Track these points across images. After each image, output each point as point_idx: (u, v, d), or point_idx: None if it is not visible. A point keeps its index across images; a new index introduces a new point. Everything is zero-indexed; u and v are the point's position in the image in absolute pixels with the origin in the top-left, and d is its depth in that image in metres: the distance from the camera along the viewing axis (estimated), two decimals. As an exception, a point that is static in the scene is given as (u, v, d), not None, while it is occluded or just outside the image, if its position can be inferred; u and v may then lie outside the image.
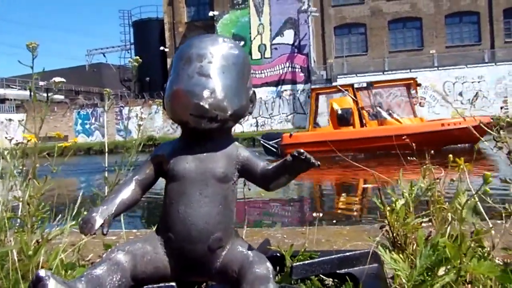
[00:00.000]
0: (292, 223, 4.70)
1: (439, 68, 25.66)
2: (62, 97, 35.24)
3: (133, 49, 36.93)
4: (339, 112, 13.05)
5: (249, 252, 1.04)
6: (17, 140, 1.91)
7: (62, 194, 2.09)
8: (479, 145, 1.38)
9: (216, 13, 30.14)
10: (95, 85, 39.99)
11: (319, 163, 1.00)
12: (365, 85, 13.56)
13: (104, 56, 43.21)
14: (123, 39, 38.16)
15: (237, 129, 29.84)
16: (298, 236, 2.57)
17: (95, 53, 43.62)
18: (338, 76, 27.40)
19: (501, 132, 1.18)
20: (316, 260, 1.16)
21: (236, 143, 1.16)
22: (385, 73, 26.71)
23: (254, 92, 1.18)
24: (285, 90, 29.21)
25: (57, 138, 1.90)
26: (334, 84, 27.20)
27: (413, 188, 1.32)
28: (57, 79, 1.97)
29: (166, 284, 1.05)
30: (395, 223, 1.21)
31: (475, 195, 1.01)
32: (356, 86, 13.30)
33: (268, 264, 0.99)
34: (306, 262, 1.15)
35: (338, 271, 1.16)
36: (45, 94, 2.13)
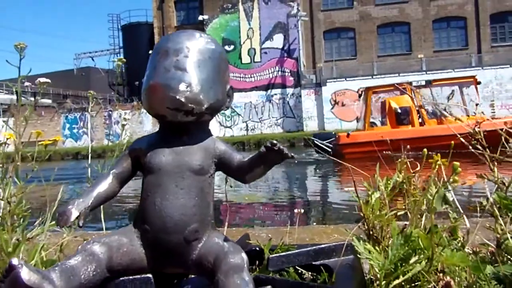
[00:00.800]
0: (281, 224, 4.71)
1: (427, 72, 25.92)
2: (49, 101, 34.93)
3: (122, 53, 36.77)
4: (398, 110, 12.60)
5: (225, 243, 1.05)
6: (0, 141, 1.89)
7: (45, 197, 2.09)
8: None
9: (205, 17, 30.19)
10: (83, 89, 39.75)
11: (292, 154, 1.02)
12: (423, 83, 13.29)
13: (93, 60, 43.00)
14: (112, 43, 38.04)
15: (227, 133, 29.92)
16: (282, 235, 2.58)
17: (84, 57, 43.41)
18: (328, 80, 27.59)
19: None
20: (292, 252, 1.17)
21: (214, 137, 1.17)
22: (374, 77, 26.93)
23: (231, 87, 1.20)
24: (275, 94, 29.31)
25: (44, 142, 1.89)
26: (323, 87, 27.46)
27: (389, 182, 1.34)
28: (42, 79, 1.97)
29: (142, 275, 1.06)
30: (370, 215, 1.23)
31: (444, 185, 1.03)
32: (414, 84, 13.00)
33: (243, 254, 1.01)
34: (282, 254, 1.17)
35: (314, 263, 1.17)
36: (32, 98, 2.13)
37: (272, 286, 0.91)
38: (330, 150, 12.71)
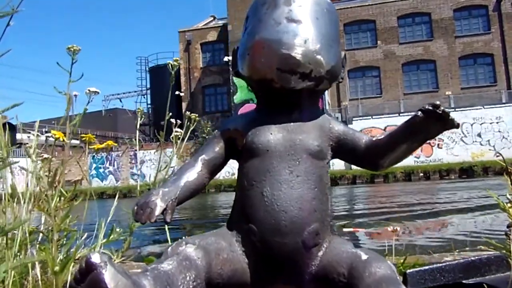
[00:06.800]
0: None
1: (456, 109, 25.42)
2: (77, 141, 35.56)
3: (149, 94, 37.43)
4: None
5: (358, 249, 0.77)
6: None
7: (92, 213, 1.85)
8: None
9: (231, 58, 30.59)
10: (110, 130, 40.44)
11: (459, 122, 0.75)
12: None
13: (121, 101, 43.84)
14: (140, 85, 38.81)
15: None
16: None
17: (112, 98, 44.32)
18: (354, 118, 27.31)
19: None
20: (435, 266, 0.88)
21: (326, 115, 0.92)
22: (401, 114, 26.55)
23: (345, 55, 0.96)
24: (300, 132, 29.11)
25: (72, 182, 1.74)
26: (349, 126, 27.10)
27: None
28: (92, 88, 1.82)
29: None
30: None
31: None
32: None
33: (390, 262, 0.73)
34: (423, 268, 0.87)
35: (465, 281, 0.87)
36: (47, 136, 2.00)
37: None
38: None
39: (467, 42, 29.36)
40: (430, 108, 0.75)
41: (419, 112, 0.76)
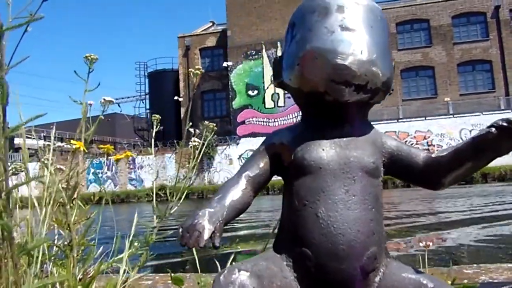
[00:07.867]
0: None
1: (455, 116, 25.49)
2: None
3: (147, 99, 37.33)
4: None
5: (420, 276, 0.72)
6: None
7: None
8: None
9: (230, 63, 30.68)
10: (108, 135, 40.34)
11: None
12: None
13: (119, 106, 43.73)
14: (139, 90, 38.70)
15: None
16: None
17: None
18: (352, 124, 27.34)
19: None
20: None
21: (376, 129, 0.87)
22: (399, 120, 26.60)
23: (394, 64, 0.91)
24: (299, 138, 29.09)
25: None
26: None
27: None
28: (107, 98, 1.78)
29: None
30: None
31: None
32: None
33: None
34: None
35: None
36: (59, 143, 1.97)
37: None
38: None
39: (465, 48, 29.48)
40: (505, 124, 0.70)
41: (493, 129, 0.71)
